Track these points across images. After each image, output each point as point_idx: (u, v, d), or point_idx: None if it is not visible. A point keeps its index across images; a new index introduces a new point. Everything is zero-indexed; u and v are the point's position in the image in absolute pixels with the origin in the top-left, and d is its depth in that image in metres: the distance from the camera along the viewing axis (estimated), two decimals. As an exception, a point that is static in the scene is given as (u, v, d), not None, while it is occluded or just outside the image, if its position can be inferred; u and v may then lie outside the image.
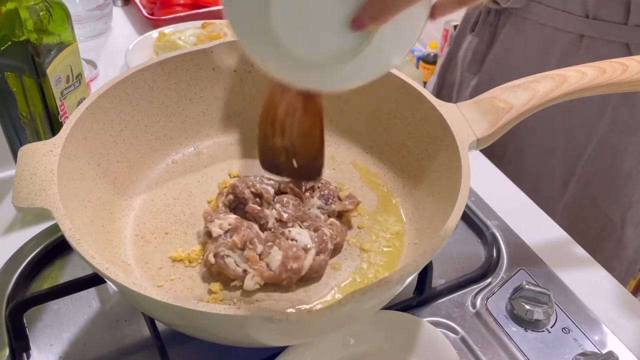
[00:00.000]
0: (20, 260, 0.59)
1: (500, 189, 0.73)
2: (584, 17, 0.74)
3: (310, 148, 0.55)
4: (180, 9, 1.06)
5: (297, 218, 0.55)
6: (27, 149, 0.47)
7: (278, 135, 0.55)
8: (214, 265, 0.51)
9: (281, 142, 0.55)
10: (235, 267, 0.51)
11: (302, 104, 0.53)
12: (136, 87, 0.58)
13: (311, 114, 0.54)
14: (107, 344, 0.53)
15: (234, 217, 0.53)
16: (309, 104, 0.54)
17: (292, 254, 0.51)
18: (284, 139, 0.55)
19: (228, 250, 0.51)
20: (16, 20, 0.57)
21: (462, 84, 0.91)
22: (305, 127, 0.54)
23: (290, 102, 0.53)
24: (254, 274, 0.50)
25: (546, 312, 0.55)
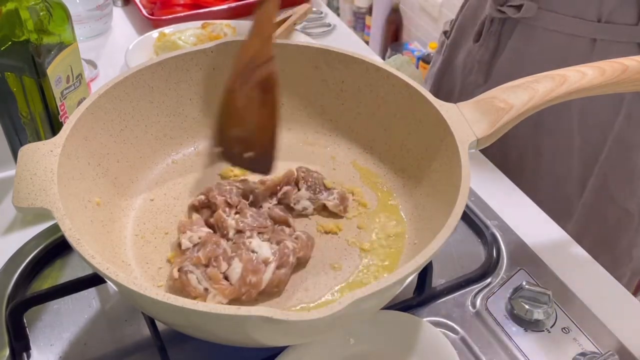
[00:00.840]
0: (20, 260, 0.59)
1: (500, 189, 0.73)
2: (597, 21, 0.74)
3: (264, 141, 0.56)
4: (180, 9, 1.06)
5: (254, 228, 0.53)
6: (27, 149, 0.47)
7: (235, 124, 0.56)
8: (177, 280, 0.48)
9: (238, 132, 0.56)
10: (197, 284, 0.48)
11: (260, 97, 0.55)
12: (136, 87, 0.58)
13: (268, 108, 0.55)
14: (107, 344, 0.53)
15: (205, 231, 0.52)
16: (267, 97, 0.55)
17: (251, 267, 0.48)
18: (240, 129, 0.56)
19: (192, 266, 0.49)
20: (16, 20, 0.57)
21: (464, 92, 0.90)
22: (262, 120, 0.56)
23: (249, 93, 0.55)
24: (214, 292, 0.48)
25: (546, 312, 0.55)
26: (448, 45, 0.94)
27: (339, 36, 1.07)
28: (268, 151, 0.56)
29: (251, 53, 0.55)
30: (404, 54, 0.96)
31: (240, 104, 0.55)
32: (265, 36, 0.55)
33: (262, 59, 0.55)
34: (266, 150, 0.56)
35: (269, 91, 0.55)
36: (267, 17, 0.55)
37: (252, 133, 0.56)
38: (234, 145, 0.57)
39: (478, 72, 0.86)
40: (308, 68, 0.63)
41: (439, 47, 0.98)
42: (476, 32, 0.84)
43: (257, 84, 0.55)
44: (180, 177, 0.62)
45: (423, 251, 0.42)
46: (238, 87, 0.55)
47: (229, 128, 0.56)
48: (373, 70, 0.60)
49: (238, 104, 0.56)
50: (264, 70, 0.55)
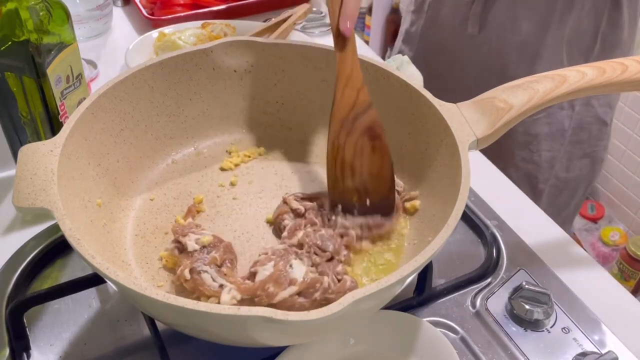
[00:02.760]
0: (20, 260, 0.59)
1: (500, 189, 0.73)
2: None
3: (381, 186, 0.56)
4: (180, 9, 1.06)
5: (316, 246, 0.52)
6: (27, 149, 0.47)
7: (348, 177, 0.55)
8: (189, 281, 0.49)
9: (352, 183, 0.55)
10: (212, 282, 0.48)
11: (370, 145, 0.55)
12: (136, 87, 0.58)
13: (379, 154, 0.55)
14: (107, 344, 0.53)
15: (211, 234, 0.52)
16: (376, 143, 0.55)
17: (278, 277, 0.48)
18: (355, 180, 0.55)
19: (205, 265, 0.49)
20: (16, 20, 0.57)
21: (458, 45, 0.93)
22: (375, 167, 0.55)
23: (356, 143, 0.55)
24: (230, 287, 0.48)
25: (546, 312, 0.55)
26: (432, 2, 0.96)
27: (339, 36, 1.07)
28: (387, 195, 0.56)
29: (349, 105, 0.54)
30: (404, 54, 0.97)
31: (349, 156, 0.55)
32: (359, 85, 0.54)
33: (362, 107, 0.54)
34: (384, 196, 0.56)
35: (377, 137, 0.55)
36: (353, 65, 0.54)
37: (367, 181, 0.56)
38: (351, 196, 0.56)
39: (473, 24, 0.89)
40: (308, 68, 0.63)
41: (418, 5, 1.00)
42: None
43: (364, 133, 0.54)
44: (180, 177, 0.62)
45: (423, 251, 0.42)
46: (344, 140, 0.55)
47: (344, 182, 0.56)
48: (373, 70, 0.60)
49: (347, 157, 0.55)
50: (367, 118, 0.54)
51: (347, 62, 0.54)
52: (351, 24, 0.54)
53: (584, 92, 0.54)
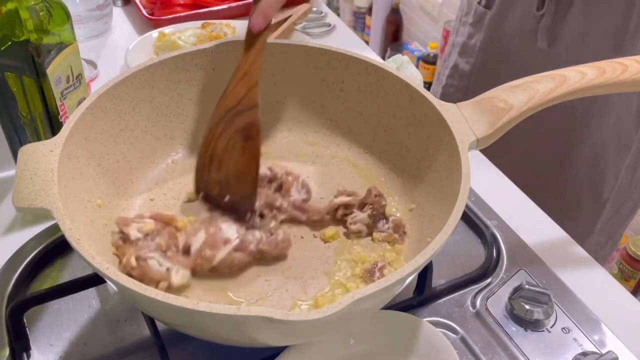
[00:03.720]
0: (20, 260, 0.59)
1: (500, 189, 0.73)
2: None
3: (243, 188, 0.55)
4: (180, 9, 1.06)
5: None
6: (27, 149, 0.47)
7: (215, 168, 0.56)
8: (136, 268, 0.49)
9: (216, 175, 0.56)
10: (158, 267, 0.49)
11: (241, 144, 0.55)
12: (136, 87, 0.58)
13: (248, 155, 0.55)
14: (107, 344, 0.53)
15: (152, 221, 0.53)
16: (248, 144, 0.55)
17: (211, 241, 0.51)
18: (220, 173, 0.56)
19: (151, 252, 0.49)
20: (16, 20, 0.57)
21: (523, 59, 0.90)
22: (241, 167, 0.55)
23: (230, 138, 0.55)
24: (177, 267, 0.49)
25: (546, 312, 0.55)
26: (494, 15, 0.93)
27: (339, 36, 1.07)
28: (246, 198, 0.55)
29: (236, 99, 0.54)
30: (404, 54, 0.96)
31: (220, 149, 0.55)
32: (252, 83, 0.54)
33: (246, 105, 0.54)
34: (244, 197, 0.55)
35: (251, 139, 0.54)
36: (254, 63, 0.55)
37: (230, 178, 0.56)
38: (213, 187, 0.56)
39: (542, 38, 0.86)
40: (308, 68, 0.63)
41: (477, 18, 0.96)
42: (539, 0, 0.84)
43: (239, 130, 0.54)
44: (180, 177, 0.61)
45: (423, 251, 0.42)
46: (220, 131, 0.55)
47: (209, 171, 0.56)
48: (373, 70, 0.60)
49: (218, 149, 0.55)
50: (247, 117, 0.54)
51: (250, 58, 0.54)
52: (262, 21, 0.54)
53: (584, 92, 0.54)
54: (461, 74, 1.00)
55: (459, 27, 1.01)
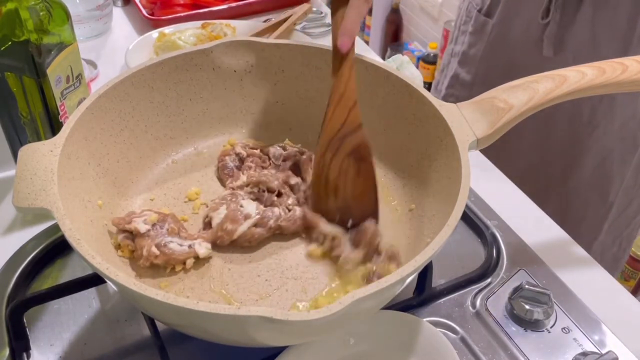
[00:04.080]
0: (20, 260, 0.59)
1: (500, 189, 0.73)
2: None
3: (364, 209, 0.55)
4: (180, 9, 1.06)
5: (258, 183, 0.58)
6: (27, 149, 0.47)
7: (331, 196, 0.55)
8: (160, 255, 0.51)
9: (334, 203, 0.55)
10: (181, 247, 0.52)
11: (355, 167, 0.54)
12: (136, 87, 0.58)
13: (364, 176, 0.54)
14: (107, 344, 0.53)
15: (152, 213, 0.53)
16: (362, 166, 0.54)
17: (232, 216, 0.53)
18: (338, 200, 0.55)
19: (168, 237, 0.52)
20: (16, 20, 0.57)
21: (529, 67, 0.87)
22: (359, 189, 0.54)
23: (342, 163, 0.54)
24: (199, 241, 0.52)
25: (546, 312, 0.55)
26: (496, 24, 0.91)
27: (339, 36, 1.07)
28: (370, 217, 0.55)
29: (339, 123, 0.53)
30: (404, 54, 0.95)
31: (333, 176, 0.54)
32: (351, 104, 0.53)
33: (351, 127, 0.53)
34: (367, 216, 0.54)
35: (363, 160, 0.54)
36: (348, 83, 0.53)
37: (350, 203, 0.55)
38: (334, 215, 0.55)
39: (548, 46, 0.85)
40: (308, 68, 0.63)
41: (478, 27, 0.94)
42: (544, 9, 0.83)
43: (350, 153, 0.53)
44: (180, 177, 0.62)
45: (423, 251, 0.42)
46: (329, 158, 0.54)
47: (326, 200, 0.55)
48: (373, 70, 0.60)
49: (331, 176, 0.54)
50: (355, 139, 0.53)
51: (343, 79, 0.53)
52: (349, 40, 0.52)
53: (584, 92, 0.54)
54: (462, 83, 0.99)
55: (458, 36, 1.00)
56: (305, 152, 0.60)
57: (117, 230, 0.52)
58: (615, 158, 0.90)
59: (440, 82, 1.06)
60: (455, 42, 1.01)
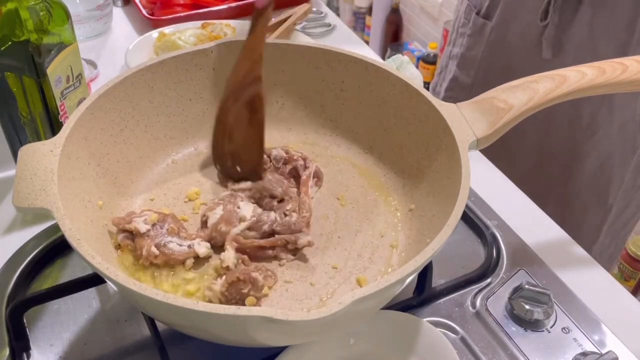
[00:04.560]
0: (20, 260, 0.59)
1: (500, 189, 0.73)
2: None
3: (251, 157, 0.59)
4: (180, 9, 1.06)
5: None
6: (27, 149, 0.47)
7: (226, 141, 0.60)
8: (159, 256, 0.51)
9: (228, 148, 0.60)
10: (180, 247, 0.52)
11: (248, 116, 0.58)
12: (136, 87, 0.58)
13: (254, 126, 0.59)
14: (107, 344, 0.53)
15: (153, 211, 0.54)
16: (253, 116, 0.58)
17: (227, 217, 0.54)
18: (231, 145, 0.59)
19: (168, 237, 0.52)
20: (16, 20, 0.57)
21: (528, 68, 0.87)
22: (249, 138, 0.59)
23: (238, 112, 0.58)
24: (197, 241, 0.52)
25: (546, 312, 0.55)
26: (495, 26, 0.91)
27: (339, 36, 1.07)
28: (255, 167, 0.59)
29: (242, 73, 0.57)
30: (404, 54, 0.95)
31: (230, 123, 0.59)
32: (256, 57, 0.56)
33: (251, 79, 0.57)
34: (253, 166, 0.59)
35: (256, 111, 0.58)
36: (258, 38, 0.56)
37: (240, 149, 0.59)
38: (226, 160, 0.60)
39: (546, 48, 0.85)
40: (308, 68, 0.63)
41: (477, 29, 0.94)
42: (542, 11, 0.83)
43: (246, 103, 0.57)
44: (180, 177, 0.61)
45: (423, 251, 0.42)
46: (230, 105, 0.58)
47: (222, 144, 0.60)
48: (373, 70, 0.60)
49: (229, 123, 0.59)
50: (251, 91, 0.57)
51: (255, 34, 0.56)
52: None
53: (584, 92, 0.54)
54: (462, 86, 0.99)
55: (456, 38, 1.00)
56: (307, 159, 0.61)
57: (117, 230, 0.52)
58: (614, 161, 0.90)
59: (438, 84, 1.06)
60: (453, 44, 1.01)
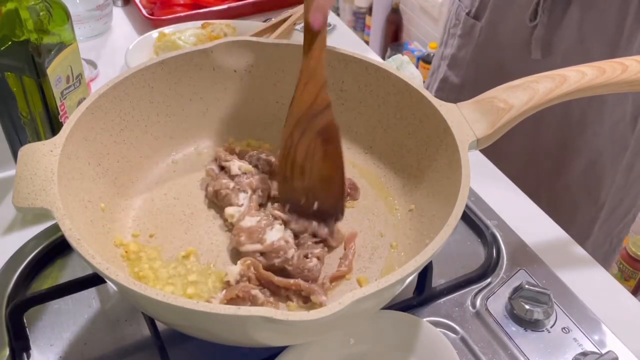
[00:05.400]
0: (20, 260, 0.59)
1: (500, 189, 0.73)
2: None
3: (331, 192, 0.54)
4: (180, 9, 1.06)
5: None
6: (27, 149, 0.47)
7: (298, 177, 0.54)
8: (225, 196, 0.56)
9: (301, 184, 0.54)
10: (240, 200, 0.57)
11: (322, 148, 0.53)
12: (136, 87, 0.58)
13: (331, 158, 0.53)
14: (107, 344, 0.53)
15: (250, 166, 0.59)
16: (329, 147, 0.53)
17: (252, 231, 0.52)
18: (304, 181, 0.54)
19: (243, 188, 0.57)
20: (16, 20, 0.57)
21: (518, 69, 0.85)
22: (326, 171, 0.53)
23: (310, 144, 0.53)
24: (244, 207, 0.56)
25: (546, 312, 0.55)
26: (484, 26, 0.91)
27: (339, 36, 1.07)
28: (336, 201, 0.54)
29: (307, 102, 0.52)
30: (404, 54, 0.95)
31: (300, 157, 0.53)
32: (321, 83, 0.52)
33: (320, 107, 0.52)
34: (334, 200, 0.54)
35: (331, 141, 0.53)
36: (319, 61, 0.52)
37: (316, 185, 0.54)
38: (299, 197, 0.54)
39: (536, 48, 0.85)
40: (308, 68, 0.63)
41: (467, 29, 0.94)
42: (532, 11, 0.83)
43: (318, 134, 0.52)
44: (180, 177, 0.61)
45: (423, 251, 0.42)
46: (297, 138, 0.53)
47: (292, 181, 0.55)
48: (373, 70, 0.60)
49: (298, 157, 0.53)
50: (323, 119, 0.52)
51: (313, 57, 0.52)
52: (321, 16, 0.51)
53: (584, 92, 0.54)
54: (451, 86, 0.99)
55: (447, 39, 1.00)
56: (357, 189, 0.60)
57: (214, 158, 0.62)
58: (605, 160, 0.90)
59: (430, 85, 1.06)
60: (445, 45, 1.01)
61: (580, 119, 0.87)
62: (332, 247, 0.55)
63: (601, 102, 0.85)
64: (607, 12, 0.79)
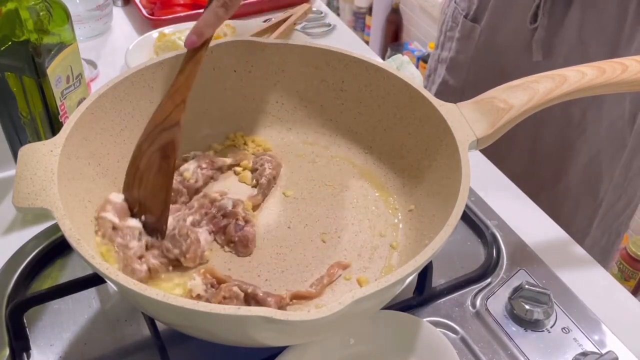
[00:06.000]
0: (20, 260, 0.59)
1: (500, 189, 0.73)
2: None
3: (155, 208, 0.54)
4: (180, 9, 1.06)
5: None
6: (27, 149, 0.47)
7: (136, 186, 0.55)
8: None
9: (137, 193, 0.55)
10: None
11: (159, 162, 0.53)
12: (136, 87, 0.58)
13: (163, 175, 0.54)
14: (107, 344, 0.53)
15: None
16: (164, 163, 0.53)
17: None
18: (139, 191, 0.54)
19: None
20: (16, 20, 0.57)
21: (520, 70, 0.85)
22: (156, 187, 0.54)
23: (151, 156, 0.54)
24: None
25: (546, 312, 0.55)
26: (484, 29, 0.91)
27: (339, 36, 1.07)
28: (158, 219, 0.54)
29: (163, 116, 0.54)
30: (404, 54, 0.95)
31: (142, 166, 0.54)
32: (178, 101, 0.54)
33: (170, 123, 0.53)
34: (157, 217, 0.54)
35: (166, 158, 0.53)
36: (187, 81, 0.54)
37: (147, 197, 0.54)
38: (134, 205, 0.55)
39: (537, 50, 0.84)
40: (308, 68, 0.63)
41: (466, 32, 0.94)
42: (532, 14, 0.83)
43: (159, 148, 0.54)
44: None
45: (423, 251, 0.42)
46: (145, 148, 0.54)
47: (132, 188, 0.55)
48: (373, 70, 0.60)
49: (141, 166, 0.54)
50: (168, 135, 0.53)
51: (184, 75, 0.54)
52: (196, 39, 0.54)
53: (584, 92, 0.54)
54: (452, 90, 0.98)
55: (444, 42, 0.99)
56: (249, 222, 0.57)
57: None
58: (604, 158, 0.90)
59: (427, 88, 1.05)
60: (441, 48, 1.00)
61: (580, 118, 0.87)
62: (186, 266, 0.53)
63: (600, 101, 0.85)
64: (607, 12, 0.79)
